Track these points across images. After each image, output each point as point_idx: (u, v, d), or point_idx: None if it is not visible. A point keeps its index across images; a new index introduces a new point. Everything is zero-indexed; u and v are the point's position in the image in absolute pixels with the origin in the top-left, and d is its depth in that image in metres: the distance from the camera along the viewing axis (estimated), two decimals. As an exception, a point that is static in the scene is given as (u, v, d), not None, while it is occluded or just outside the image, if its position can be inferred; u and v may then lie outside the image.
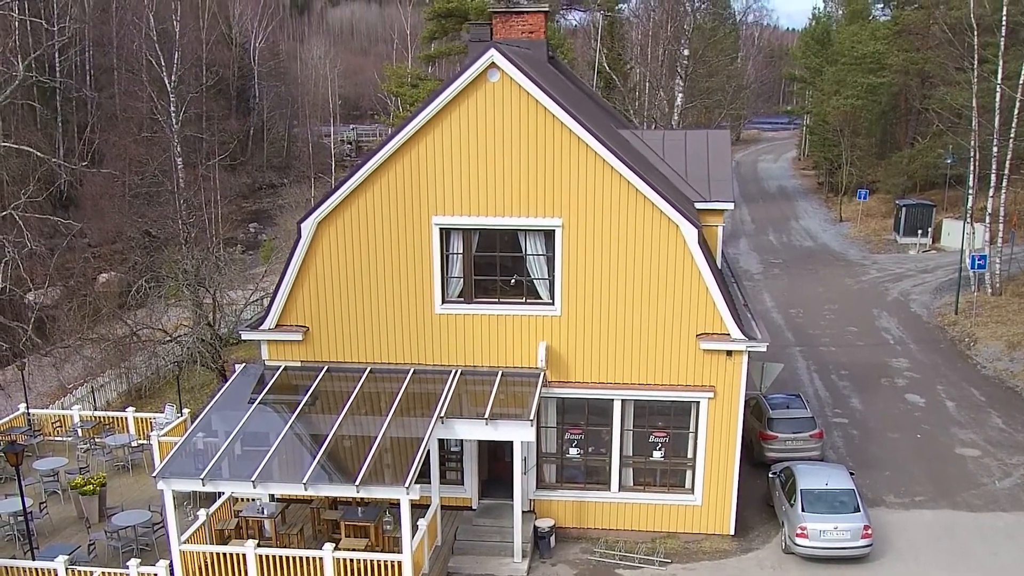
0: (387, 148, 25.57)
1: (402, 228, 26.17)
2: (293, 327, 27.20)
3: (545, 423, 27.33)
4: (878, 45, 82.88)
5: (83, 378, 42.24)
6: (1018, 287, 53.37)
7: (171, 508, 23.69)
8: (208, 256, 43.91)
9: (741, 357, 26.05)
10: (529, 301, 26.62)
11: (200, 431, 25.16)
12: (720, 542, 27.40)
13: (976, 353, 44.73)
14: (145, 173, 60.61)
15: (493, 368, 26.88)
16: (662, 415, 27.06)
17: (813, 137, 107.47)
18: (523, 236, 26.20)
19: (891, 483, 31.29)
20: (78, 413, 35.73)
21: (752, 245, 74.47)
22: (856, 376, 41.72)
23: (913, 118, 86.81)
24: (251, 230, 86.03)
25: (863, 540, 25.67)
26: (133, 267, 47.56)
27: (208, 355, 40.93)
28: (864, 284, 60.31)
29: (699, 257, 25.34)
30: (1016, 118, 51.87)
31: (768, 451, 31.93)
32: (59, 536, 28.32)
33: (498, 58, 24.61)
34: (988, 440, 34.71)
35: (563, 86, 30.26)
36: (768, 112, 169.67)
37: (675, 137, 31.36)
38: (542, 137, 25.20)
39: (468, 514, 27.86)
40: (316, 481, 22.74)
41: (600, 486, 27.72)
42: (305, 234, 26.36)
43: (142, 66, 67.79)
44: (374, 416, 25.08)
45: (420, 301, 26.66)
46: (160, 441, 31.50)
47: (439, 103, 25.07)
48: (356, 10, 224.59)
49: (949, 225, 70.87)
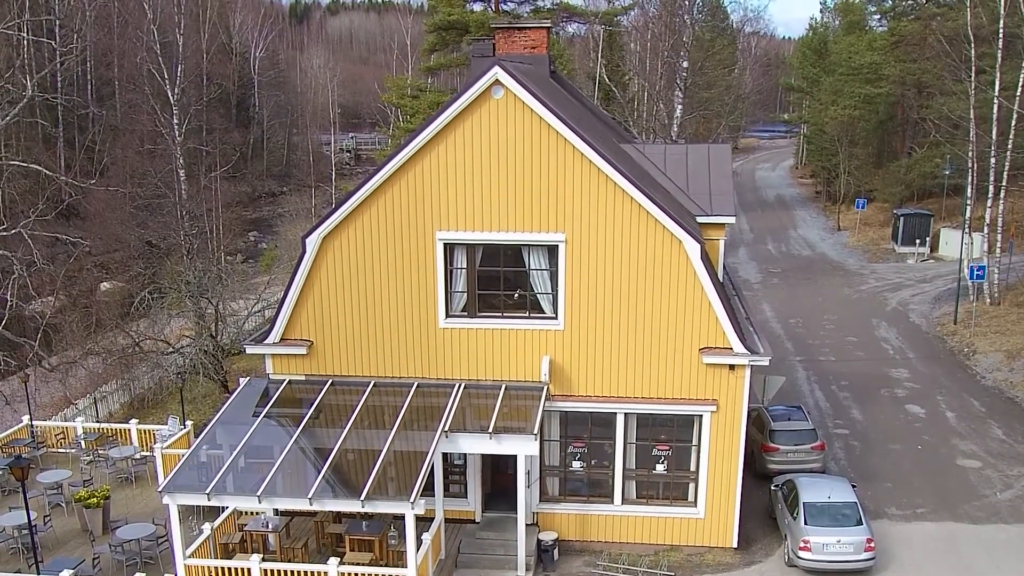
0: (391, 164, 25.69)
1: (406, 243, 26.30)
2: (297, 341, 27.31)
3: (548, 436, 27.42)
4: (875, 56, 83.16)
5: (87, 390, 42.30)
6: (1016, 297, 53.51)
7: (176, 522, 23.77)
8: (210, 267, 44.01)
9: (744, 371, 26.16)
10: (532, 315, 26.73)
11: (205, 444, 25.29)
12: (723, 555, 27.48)
13: (975, 363, 44.87)
14: (148, 185, 60.72)
15: (497, 382, 26.99)
16: (665, 428, 27.15)
17: (811, 146, 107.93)
18: (527, 251, 26.34)
19: (893, 495, 31.39)
20: (81, 425, 35.78)
21: (751, 254, 74.65)
22: (856, 387, 41.84)
23: (910, 128, 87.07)
24: (251, 239, 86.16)
25: (866, 553, 25.76)
26: (135, 277, 47.68)
27: (210, 366, 41.03)
28: (863, 294, 60.46)
29: (702, 272, 25.47)
30: (1013, 129, 52.00)
31: (770, 463, 32.03)
32: (63, 549, 28.34)
33: (502, 75, 24.77)
34: (989, 451, 34.83)
35: (565, 101, 30.38)
36: (765, 120, 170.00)
37: (676, 151, 31.49)
38: (545, 153, 25.35)
39: (471, 527, 27.94)
40: (321, 496, 22.83)
41: (603, 499, 27.81)
42: (310, 249, 26.49)
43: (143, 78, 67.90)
44: (378, 430, 25.19)
45: (424, 315, 26.77)
46: (164, 454, 31.57)
47: (443, 119, 25.21)
48: (355, 19, 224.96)
49: (947, 234, 71.15)
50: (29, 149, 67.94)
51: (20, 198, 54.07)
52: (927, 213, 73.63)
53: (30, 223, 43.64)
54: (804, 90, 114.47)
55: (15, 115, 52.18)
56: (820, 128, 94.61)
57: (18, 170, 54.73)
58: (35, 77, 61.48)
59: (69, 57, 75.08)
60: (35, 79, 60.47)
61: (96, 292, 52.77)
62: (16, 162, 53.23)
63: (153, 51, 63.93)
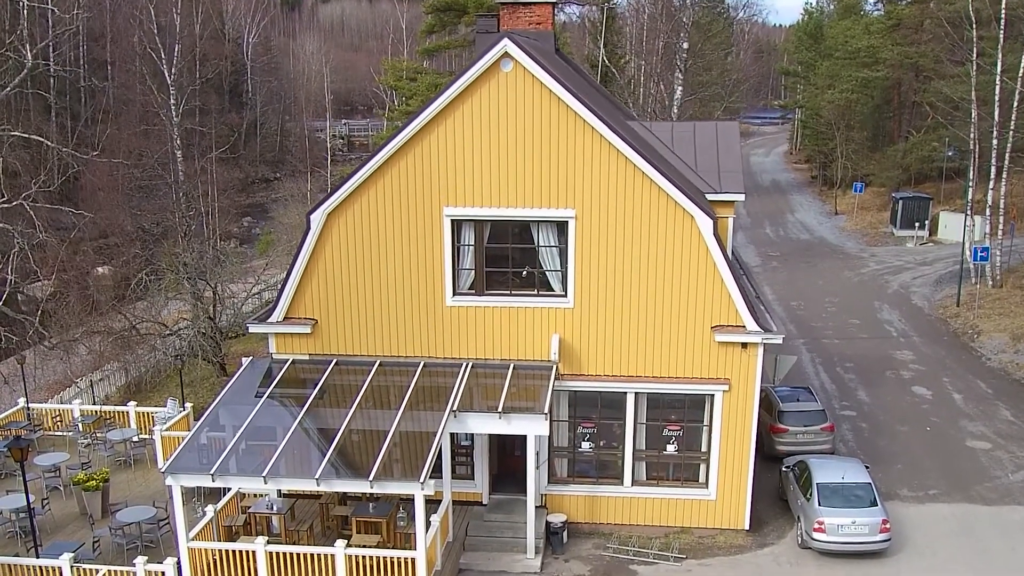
0: (398, 139, 25.19)
1: (413, 219, 25.81)
2: (302, 320, 26.81)
3: (557, 417, 26.95)
4: (872, 39, 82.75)
5: (85, 372, 41.75)
6: (1019, 279, 53.23)
7: (180, 504, 23.28)
8: (208, 249, 43.51)
9: (756, 349, 25.77)
10: (541, 293, 26.28)
11: (207, 426, 24.79)
12: (734, 537, 27.08)
13: (980, 345, 44.55)
14: (145, 166, 60.16)
15: (505, 361, 26.53)
16: (676, 408, 26.74)
17: (806, 131, 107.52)
18: (536, 227, 25.87)
19: (904, 476, 31.03)
20: (78, 407, 35.24)
21: (749, 238, 74.23)
22: (861, 369, 41.47)
23: (907, 111, 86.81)
24: (245, 224, 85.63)
25: (882, 535, 25.38)
26: (132, 260, 47.16)
27: (209, 348, 40.54)
28: (864, 277, 60.12)
29: (715, 248, 25.04)
30: (1016, 110, 51.69)
31: (778, 444, 31.68)
32: (62, 533, 27.86)
33: (511, 48, 24.28)
34: (998, 433, 34.48)
35: (573, 76, 29.91)
36: (758, 106, 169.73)
37: (684, 129, 31.05)
38: (555, 127, 24.87)
39: (479, 509, 27.50)
40: (328, 476, 22.31)
41: (613, 480, 27.39)
42: (314, 226, 25.97)
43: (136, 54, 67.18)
44: (385, 410, 24.70)
45: (431, 293, 26.30)
46: (163, 436, 31.11)
47: (451, 93, 24.69)
48: (347, 7, 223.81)
49: (946, 218, 70.90)
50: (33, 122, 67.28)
51: (24, 169, 53.33)
52: (926, 197, 73.32)
53: (31, 195, 42.99)
54: (799, 75, 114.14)
55: (15, 86, 51.52)
56: (816, 112, 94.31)
57: (18, 141, 54.03)
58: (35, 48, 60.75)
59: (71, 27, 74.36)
60: (36, 49, 59.76)
61: (91, 276, 52.10)
62: (18, 133, 52.50)
63: (150, 31, 63.25)
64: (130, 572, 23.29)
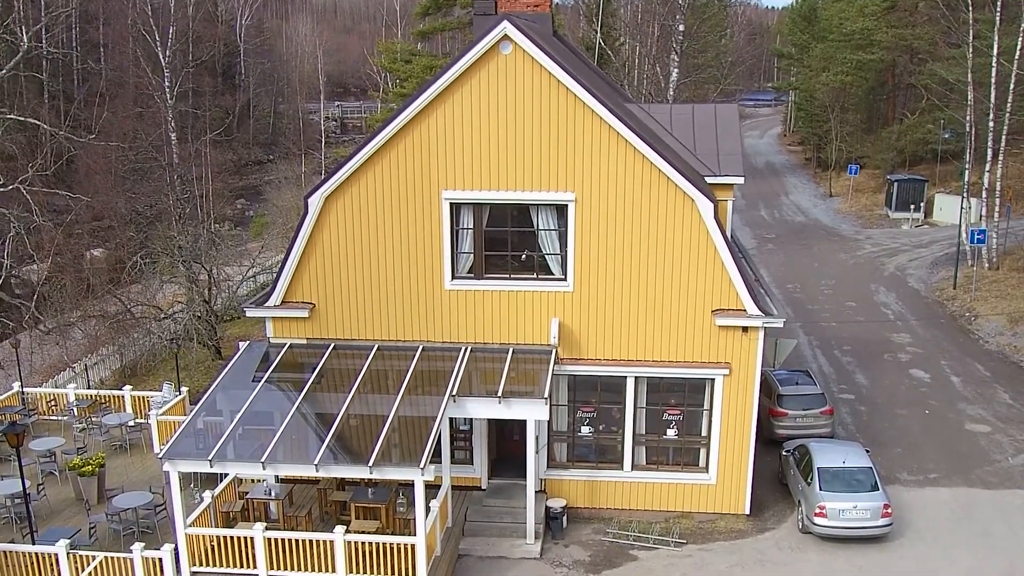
0: (396, 122, 24.93)
1: (411, 203, 25.60)
2: (299, 304, 26.60)
3: (557, 401, 26.78)
4: (867, 21, 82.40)
5: (80, 356, 41.51)
6: (1015, 261, 53.11)
7: (177, 490, 23.10)
8: (202, 231, 43.25)
9: (757, 333, 25.62)
10: (541, 277, 26.09)
11: (204, 410, 24.60)
12: (735, 522, 27.00)
13: (978, 328, 44.47)
14: (139, 148, 59.86)
15: (504, 345, 26.36)
16: (676, 392, 26.62)
17: (800, 113, 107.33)
18: (535, 211, 25.67)
19: (904, 460, 30.94)
20: (73, 392, 35.00)
21: (744, 220, 74.05)
22: (859, 351, 41.38)
23: (901, 94, 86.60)
24: (239, 206, 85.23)
25: (883, 519, 25.30)
26: (126, 242, 46.90)
27: (204, 332, 40.32)
28: (859, 259, 60.02)
29: (715, 232, 24.87)
30: (1012, 92, 51.54)
31: (777, 428, 31.58)
32: (57, 519, 27.71)
33: (511, 30, 24.03)
34: (997, 416, 34.41)
35: (571, 59, 29.68)
36: (751, 89, 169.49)
37: (683, 111, 30.84)
38: (555, 110, 24.65)
39: (478, 495, 27.36)
40: (327, 462, 22.15)
41: (613, 465, 27.25)
42: (312, 209, 25.74)
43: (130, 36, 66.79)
44: (384, 395, 24.54)
45: (429, 277, 26.10)
46: (159, 420, 30.92)
47: (450, 76, 24.45)
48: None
49: (941, 200, 70.80)
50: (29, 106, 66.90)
51: (20, 151, 52.97)
52: (921, 179, 73.22)
53: (28, 178, 42.71)
54: (793, 57, 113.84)
55: (10, 69, 51.15)
56: (810, 95, 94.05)
57: (14, 124, 53.69)
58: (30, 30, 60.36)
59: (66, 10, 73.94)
60: (31, 31, 59.37)
61: (85, 259, 51.83)
62: (13, 116, 52.16)
63: (144, 12, 62.87)
64: (127, 558, 23.14)
